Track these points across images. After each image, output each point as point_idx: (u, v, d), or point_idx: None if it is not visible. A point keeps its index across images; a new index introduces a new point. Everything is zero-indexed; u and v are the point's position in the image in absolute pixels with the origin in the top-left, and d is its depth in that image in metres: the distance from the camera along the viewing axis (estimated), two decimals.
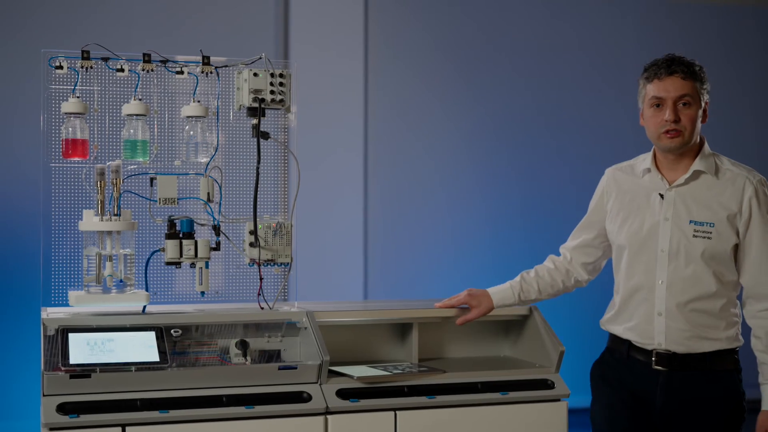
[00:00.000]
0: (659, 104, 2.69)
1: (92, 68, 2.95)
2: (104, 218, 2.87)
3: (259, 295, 3.03)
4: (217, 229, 3.02)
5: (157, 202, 2.96)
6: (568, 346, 3.09)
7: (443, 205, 5.90)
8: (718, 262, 2.69)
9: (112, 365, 2.66)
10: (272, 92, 3.03)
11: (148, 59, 2.99)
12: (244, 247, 3.06)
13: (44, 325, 2.73)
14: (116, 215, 2.88)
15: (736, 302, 2.76)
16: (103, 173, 2.89)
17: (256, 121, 3.04)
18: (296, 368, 2.81)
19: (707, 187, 2.72)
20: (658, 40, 6.07)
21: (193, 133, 3.03)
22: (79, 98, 2.93)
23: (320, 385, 2.83)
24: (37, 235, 2.93)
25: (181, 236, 2.95)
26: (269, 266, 3.07)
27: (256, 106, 3.02)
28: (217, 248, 3.02)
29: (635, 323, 2.77)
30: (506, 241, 5.89)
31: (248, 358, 2.84)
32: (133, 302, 2.90)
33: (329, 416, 2.78)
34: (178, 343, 2.84)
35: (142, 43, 3.45)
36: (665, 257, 2.71)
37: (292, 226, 3.09)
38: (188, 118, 3.03)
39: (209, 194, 3.02)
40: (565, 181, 6.00)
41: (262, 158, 3.03)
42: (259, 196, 3.02)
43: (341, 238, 5.68)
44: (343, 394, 2.82)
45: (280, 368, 2.80)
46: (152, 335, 2.77)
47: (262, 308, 3.03)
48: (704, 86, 2.72)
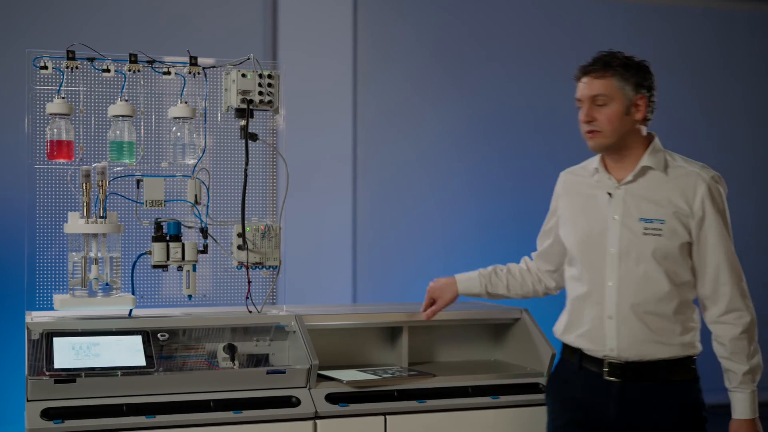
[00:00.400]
0: (580, 106, 2.68)
1: (77, 68, 2.93)
2: (90, 221, 2.84)
3: (247, 298, 3.00)
4: (204, 231, 2.99)
5: (143, 204, 2.94)
6: (558, 350, 3.06)
7: (433, 207, 5.89)
8: (670, 261, 2.57)
9: (97, 370, 2.62)
10: (261, 93, 3.00)
11: (134, 60, 2.96)
12: (232, 249, 3.03)
13: (29, 329, 2.70)
14: (102, 217, 2.85)
15: (693, 307, 2.64)
16: (88, 175, 2.86)
17: (244, 122, 3.01)
18: (285, 372, 2.79)
19: (657, 183, 2.61)
20: (648, 43, 6.07)
21: (180, 134, 3.00)
22: (64, 99, 2.90)
23: (309, 389, 2.81)
24: (21, 237, 2.90)
25: (168, 239, 2.93)
26: (257, 269, 3.04)
27: (244, 107, 3.00)
28: (204, 251, 2.99)
29: (586, 329, 2.66)
30: (496, 245, 5.87)
31: (236, 362, 2.81)
32: (119, 306, 2.87)
33: (318, 421, 2.76)
34: (164, 347, 2.81)
35: (128, 43, 3.42)
36: (615, 258, 2.61)
37: (280, 228, 3.07)
38: (175, 119, 3.00)
39: (197, 196, 2.99)
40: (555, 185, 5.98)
41: (250, 160, 3.01)
42: (247, 198, 3.00)
43: (330, 240, 5.65)
44: (332, 398, 2.80)
45: (268, 372, 2.78)
46: (138, 339, 2.75)
47: (250, 312, 3.00)
48: (635, 81, 2.60)
